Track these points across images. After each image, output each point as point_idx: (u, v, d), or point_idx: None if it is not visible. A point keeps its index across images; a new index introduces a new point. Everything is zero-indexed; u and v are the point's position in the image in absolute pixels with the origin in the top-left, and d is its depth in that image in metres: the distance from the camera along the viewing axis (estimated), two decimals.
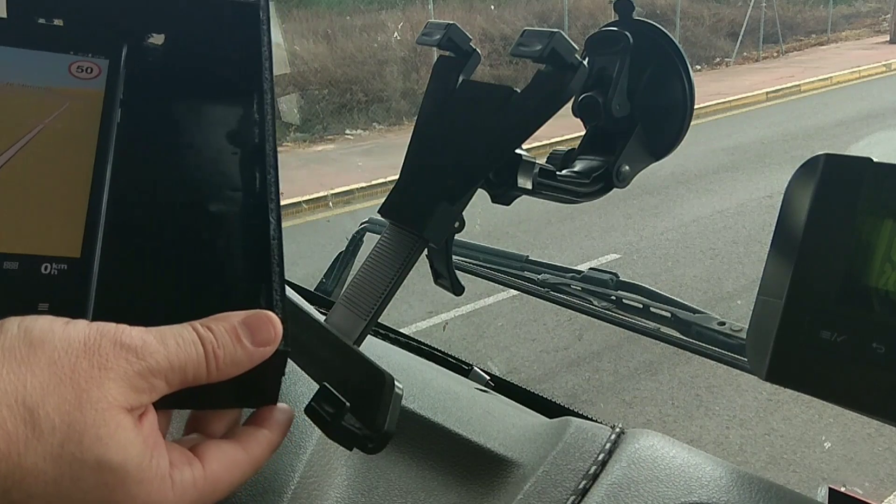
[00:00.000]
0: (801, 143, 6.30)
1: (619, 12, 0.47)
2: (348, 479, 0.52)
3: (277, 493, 0.48)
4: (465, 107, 0.47)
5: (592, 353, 2.99)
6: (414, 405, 0.55)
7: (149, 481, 0.25)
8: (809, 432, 2.39)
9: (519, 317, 3.33)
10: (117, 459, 0.24)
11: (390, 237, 0.46)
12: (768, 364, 0.41)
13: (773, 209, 0.43)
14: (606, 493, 0.45)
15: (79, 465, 0.24)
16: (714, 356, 0.60)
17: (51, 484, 0.23)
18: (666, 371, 2.80)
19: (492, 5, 10.99)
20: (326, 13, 10.38)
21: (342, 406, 0.35)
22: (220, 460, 0.29)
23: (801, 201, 0.42)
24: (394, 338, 0.78)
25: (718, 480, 0.46)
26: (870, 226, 0.39)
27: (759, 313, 0.43)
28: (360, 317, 0.44)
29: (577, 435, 0.51)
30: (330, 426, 0.35)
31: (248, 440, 0.31)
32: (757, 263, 3.51)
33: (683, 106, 0.46)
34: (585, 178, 0.48)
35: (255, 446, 0.31)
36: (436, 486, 0.51)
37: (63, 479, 0.23)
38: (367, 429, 0.35)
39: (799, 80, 9.78)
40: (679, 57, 0.46)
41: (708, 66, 11.83)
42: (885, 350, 0.38)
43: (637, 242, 4.23)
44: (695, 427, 2.48)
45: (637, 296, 0.70)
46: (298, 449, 0.50)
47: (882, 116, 7.24)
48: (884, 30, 14.17)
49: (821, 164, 0.41)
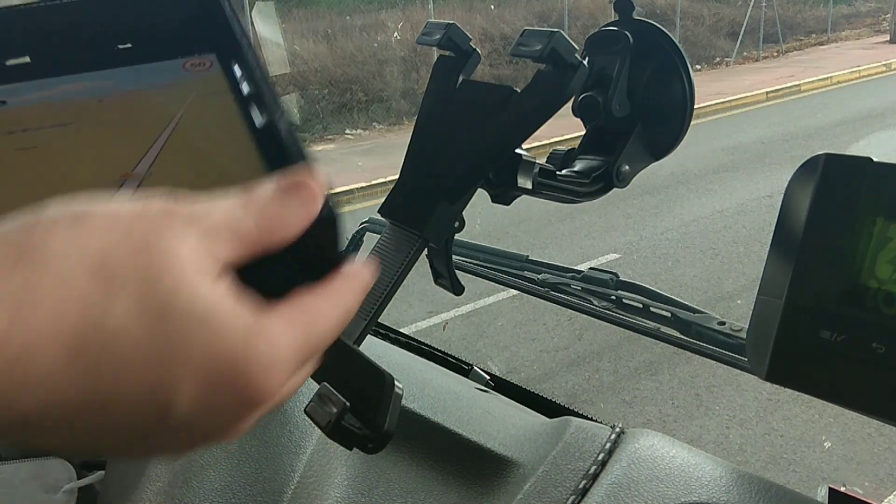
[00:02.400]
0: (801, 143, 6.30)
1: (619, 12, 0.47)
2: (348, 479, 0.52)
3: (277, 493, 0.48)
4: (465, 107, 0.47)
5: (592, 353, 2.99)
6: (414, 405, 0.55)
7: (237, 329, 0.23)
8: (809, 432, 2.39)
9: (519, 316, 3.33)
10: (202, 309, 0.22)
11: (390, 237, 0.46)
12: (768, 364, 0.41)
13: (773, 209, 0.43)
14: (606, 493, 0.45)
15: (163, 319, 0.22)
16: (714, 356, 0.60)
17: (141, 345, 0.21)
18: (666, 371, 2.80)
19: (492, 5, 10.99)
20: (326, 13, 10.38)
21: (342, 406, 0.35)
22: (308, 309, 0.26)
23: (801, 201, 0.42)
24: (394, 338, 0.78)
25: (718, 480, 0.46)
26: (870, 226, 0.39)
27: (759, 313, 0.43)
28: (360, 317, 0.44)
29: (577, 435, 0.51)
30: (330, 426, 0.35)
31: (330, 290, 0.28)
32: (757, 263, 3.51)
33: (683, 106, 0.46)
34: (585, 178, 0.48)
35: (341, 290, 0.28)
36: (436, 486, 0.51)
37: (152, 337, 0.21)
38: (367, 429, 0.35)
39: (799, 79, 9.78)
40: (679, 57, 0.46)
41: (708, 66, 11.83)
42: (885, 350, 0.38)
43: (637, 242, 4.23)
44: (695, 427, 2.48)
45: (637, 296, 0.70)
46: (298, 449, 0.50)
47: (882, 116, 7.24)
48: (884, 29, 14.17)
49: (821, 164, 0.41)
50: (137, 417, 0.22)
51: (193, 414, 0.22)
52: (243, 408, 0.23)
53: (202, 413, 0.22)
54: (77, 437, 0.22)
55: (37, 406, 0.20)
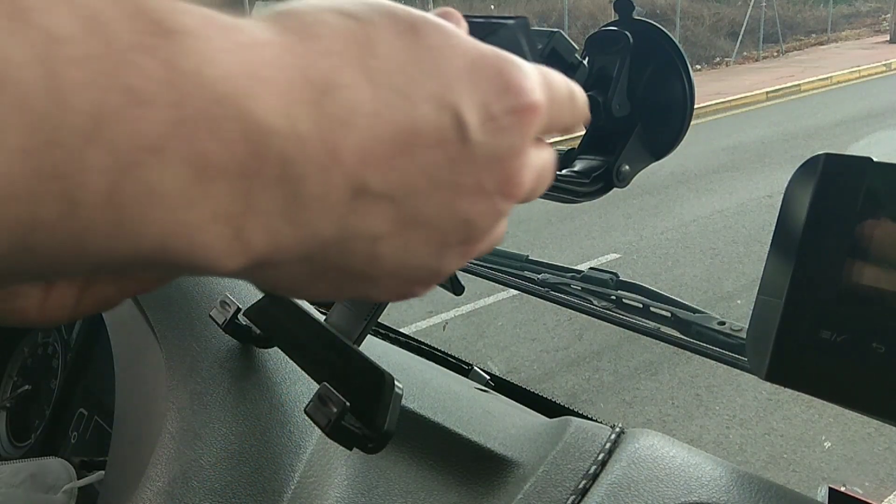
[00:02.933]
0: (801, 142, 6.30)
1: (619, 12, 0.47)
2: (348, 479, 0.52)
3: (277, 493, 0.48)
4: None
5: (592, 353, 2.99)
6: (414, 405, 0.55)
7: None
8: (809, 432, 2.39)
9: (519, 316, 3.33)
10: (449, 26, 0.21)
11: None
12: (768, 364, 0.41)
13: (773, 209, 0.43)
14: (606, 493, 0.45)
15: (417, 33, 0.20)
16: (714, 356, 0.60)
17: (408, 62, 0.20)
18: (666, 371, 2.80)
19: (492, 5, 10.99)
20: None
21: (342, 406, 0.35)
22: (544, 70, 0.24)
23: (800, 201, 0.42)
24: (394, 337, 0.78)
25: (718, 480, 0.46)
26: (869, 226, 0.39)
27: (759, 313, 0.43)
28: (360, 316, 0.44)
29: (577, 434, 0.51)
30: (330, 426, 0.35)
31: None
32: (757, 263, 3.51)
33: (683, 105, 0.46)
34: (585, 178, 0.48)
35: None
36: (436, 486, 0.51)
37: (416, 52, 0.20)
38: (367, 429, 0.35)
39: (799, 79, 9.78)
40: (679, 57, 0.46)
41: (708, 66, 11.84)
42: (885, 350, 0.38)
43: (637, 242, 4.23)
44: (695, 427, 2.48)
45: (637, 295, 0.70)
46: (298, 449, 0.50)
47: (882, 116, 7.24)
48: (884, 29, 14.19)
49: (821, 163, 0.41)
50: (439, 151, 0.20)
51: (485, 130, 0.20)
52: (518, 118, 0.21)
53: (490, 130, 0.21)
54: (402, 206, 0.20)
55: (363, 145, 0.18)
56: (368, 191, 0.19)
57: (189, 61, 0.16)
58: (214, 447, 0.50)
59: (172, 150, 0.15)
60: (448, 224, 0.21)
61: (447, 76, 0.20)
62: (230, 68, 0.16)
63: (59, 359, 0.85)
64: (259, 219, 0.17)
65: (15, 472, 0.66)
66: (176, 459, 0.50)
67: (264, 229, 0.17)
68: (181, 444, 0.51)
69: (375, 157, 0.19)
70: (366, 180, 0.19)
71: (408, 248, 0.21)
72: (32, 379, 0.89)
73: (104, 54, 0.15)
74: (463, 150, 0.20)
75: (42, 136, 0.14)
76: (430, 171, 0.20)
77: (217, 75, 0.16)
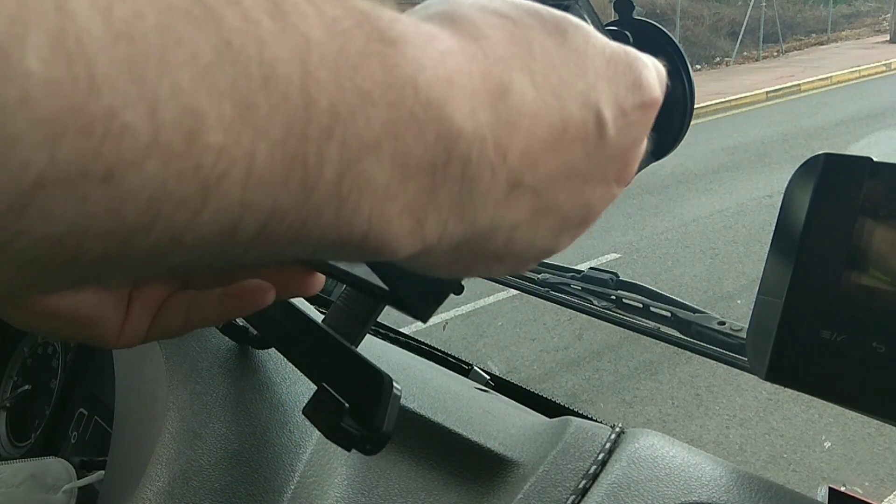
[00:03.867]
0: (801, 142, 6.30)
1: (619, 12, 0.47)
2: (348, 479, 0.52)
3: (277, 493, 0.48)
4: None
5: (592, 353, 2.99)
6: (414, 405, 0.55)
7: None
8: (809, 432, 2.39)
9: (519, 316, 3.33)
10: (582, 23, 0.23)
11: None
12: (768, 364, 0.41)
13: (773, 209, 0.43)
14: (606, 493, 0.45)
15: (564, 33, 0.22)
16: (714, 356, 0.60)
17: (559, 60, 0.21)
18: (666, 371, 2.80)
19: None
20: None
21: (340, 407, 0.35)
22: None
23: (800, 201, 0.42)
24: (394, 337, 0.78)
25: (718, 480, 0.46)
26: (870, 226, 0.39)
27: (759, 313, 0.43)
28: (358, 318, 0.44)
29: (577, 434, 0.51)
30: (328, 427, 0.35)
31: None
32: (757, 263, 3.51)
33: (683, 105, 0.46)
34: None
35: None
36: (436, 486, 0.51)
37: (565, 50, 0.21)
38: (366, 430, 0.35)
39: (799, 79, 9.78)
40: (679, 56, 0.46)
41: (708, 66, 11.85)
42: (885, 350, 0.38)
43: (637, 242, 4.23)
44: (695, 427, 2.48)
45: (637, 295, 0.70)
46: (298, 449, 0.50)
47: (882, 116, 7.24)
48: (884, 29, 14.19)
49: (821, 163, 0.41)
50: (580, 146, 0.21)
51: (617, 125, 0.22)
52: (644, 112, 0.23)
53: (622, 125, 0.22)
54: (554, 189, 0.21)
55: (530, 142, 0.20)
56: (521, 186, 0.21)
57: (407, 68, 0.17)
58: (214, 447, 0.50)
59: (385, 148, 0.17)
60: (572, 210, 0.23)
61: (591, 76, 0.21)
62: (436, 75, 0.18)
63: (59, 359, 0.85)
64: (436, 212, 0.19)
65: (15, 472, 0.66)
66: (176, 459, 0.50)
67: (438, 222, 0.19)
68: (181, 444, 0.51)
69: (532, 155, 0.20)
70: (522, 177, 0.20)
71: (537, 233, 0.23)
72: (32, 379, 0.88)
73: (343, 58, 0.16)
74: (599, 144, 0.22)
75: (297, 129, 0.15)
76: (570, 164, 0.22)
77: (427, 81, 0.17)
